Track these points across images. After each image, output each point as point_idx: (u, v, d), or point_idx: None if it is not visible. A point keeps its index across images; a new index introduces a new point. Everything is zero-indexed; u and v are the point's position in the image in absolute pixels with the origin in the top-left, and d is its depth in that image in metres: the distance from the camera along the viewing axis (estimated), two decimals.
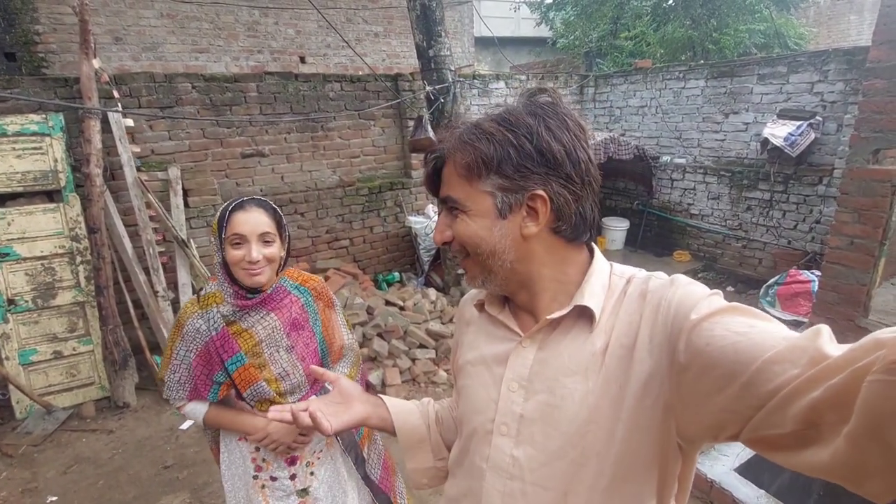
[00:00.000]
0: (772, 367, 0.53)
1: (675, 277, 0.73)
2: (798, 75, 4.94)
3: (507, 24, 14.63)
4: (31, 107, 3.63)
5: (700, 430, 0.66)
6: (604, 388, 0.71)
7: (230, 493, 1.56)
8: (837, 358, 0.48)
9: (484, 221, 0.75)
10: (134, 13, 5.90)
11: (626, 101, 6.76)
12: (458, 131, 0.77)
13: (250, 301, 1.38)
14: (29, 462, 3.14)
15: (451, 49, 4.33)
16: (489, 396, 0.82)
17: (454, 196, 0.77)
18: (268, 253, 1.33)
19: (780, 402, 0.52)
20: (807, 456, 0.51)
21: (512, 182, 0.73)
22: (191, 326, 1.41)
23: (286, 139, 4.84)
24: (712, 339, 0.60)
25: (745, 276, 5.58)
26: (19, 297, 3.49)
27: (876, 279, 3.47)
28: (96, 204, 3.61)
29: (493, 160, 0.72)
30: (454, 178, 0.77)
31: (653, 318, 0.70)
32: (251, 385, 1.41)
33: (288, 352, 1.45)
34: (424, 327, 4.20)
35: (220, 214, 1.32)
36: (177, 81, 4.22)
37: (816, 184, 4.88)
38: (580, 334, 0.75)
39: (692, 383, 0.63)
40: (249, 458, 1.51)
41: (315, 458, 1.56)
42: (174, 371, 1.45)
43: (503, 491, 0.78)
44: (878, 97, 3.22)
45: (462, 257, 0.82)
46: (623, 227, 6.62)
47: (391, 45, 7.91)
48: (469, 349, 0.91)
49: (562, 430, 0.73)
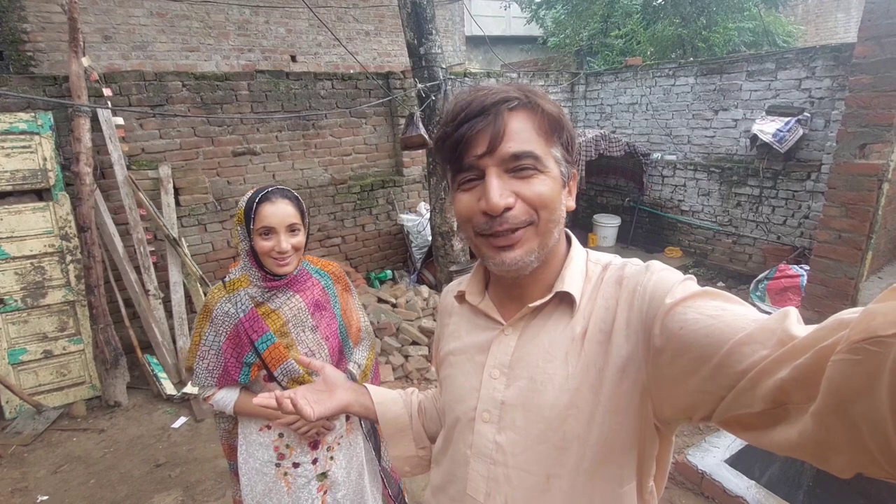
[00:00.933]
0: (741, 348, 0.55)
1: (651, 263, 0.74)
2: (786, 72, 4.99)
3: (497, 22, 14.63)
4: (19, 105, 3.61)
5: (675, 411, 0.67)
6: (583, 373, 0.72)
7: (246, 486, 1.57)
8: (803, 338, 0.49)
9: (557, 186, 0.73)
10: (123, 11, 5.86)
11: (617, 98, 6.79)
12: (525, 88, 0.73)
13: (278, 282, 1.44)
14: (19, 462, 3.11)
15: (441, 47, 4.33)
16: (471, 385, 0.83)
17: (537, 152, 0.71)
18: (295, 242, 1.40)
19: (750, 383, 0.53)
20: (776, 434, 0.52)
21: (570, 155, 0.76)
22: (219, 310, 1.45)
23: (278, 137, 4.83)
24: (685, 322, 0.61)
25: (736, 271, 5.62)
26: (8, 296, 3.47)
27: (863, 272, 3.51)
28: (86, 202, 3.59)
29: (565, 129, 0.74)
30: (530, 133, 0.71)
31: (629, 304, 0.71)
32: (281, 363, 1.45)
33: (313, 331, 1.51)
34: (417, 324, 4.21)
35: (247, 205, 1.37)
36: (167, 80, 4.20)
37: (805, 179, 4.93)
38: (560, 320, 0.76)
39: (667, 366, 0.64)
40: (272, 447, 1.54)
41: (336, 444, 1.60)
42: (202, 358, 1.48)
43: (487, 476, 0.79)
44: (865, 92, 3.26)
45: (524, 226, 0.72)
46: (614, 223, 6.65)
47: (382, 43, 7.90)
48: (451, 339, 0.91)
49: (543, 415, 0.74)
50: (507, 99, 0.70)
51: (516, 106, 0.71)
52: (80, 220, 3.60)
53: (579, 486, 0.74)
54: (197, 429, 3.41)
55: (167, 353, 3.92)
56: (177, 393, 3.71)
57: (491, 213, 0.70)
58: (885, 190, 3.35)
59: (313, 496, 1.55)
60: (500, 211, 0.69)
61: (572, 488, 0.74)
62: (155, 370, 3.85)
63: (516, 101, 0.71)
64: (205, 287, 4.13)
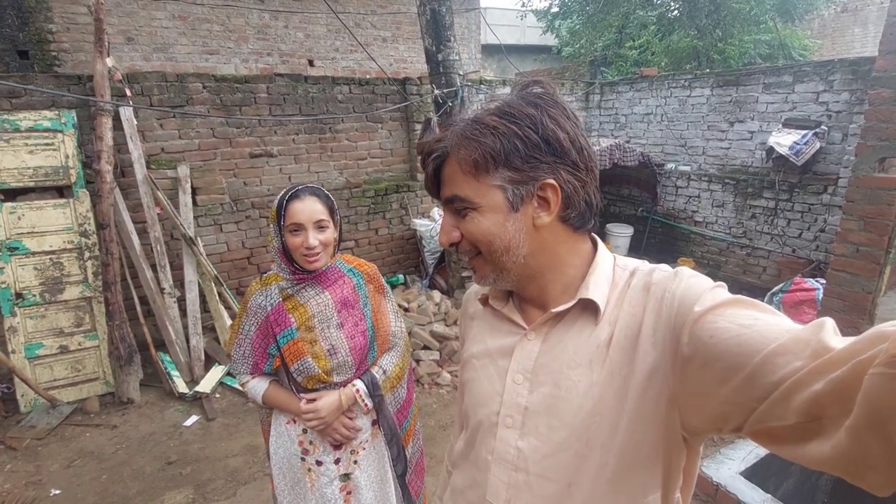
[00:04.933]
0: (775, 359, 0.54)
1: (679, 270, 0.73)
2: (803, 85, 4.97)
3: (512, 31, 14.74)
4: (44, 103, 3.67)
5: (704, 421, 0.66)
6: (608, 380, 0.71)
7: (277, 473, 1.62)
8: (840, 350, 0.48)
9: (496, 217, 0.74)
10: (146, 14, 5.96)
11: (632, 108, 6.79)
12: (457, 128, 0.76)
13: (306, 275, 1.50)
14: (33, 455, 3.14)
15: (459, 54, 4.37)
16: (494, 389, 0.82)
17: (462, 194, 0.75)
18: (323, 238, 1.44)
19: (783, 394, 0.52)
20: (809, 449, 0.51)
21: (522, 174, 0.72)
22: (253, 303, 1.54)
23: (294, 140, 4.87)
24: (716, 331, 0.60)
25: (749, 283, 5.58)
26: (27, 290, 3.51)
27: (881, 287, 3.47)
28: (106, 200, 3.64)
29: (501, 153, 0.71)
30: (459, 175, 0.75)
31: (657, 310, 0.70)
32: (298, 359, 1.48)
33: (338, 329, 1.53)
34: (429, 329, 4.21)
35: (278, 203, 1.43)
36: (188, 81, 4.26)
37: (821, 192, 4.89)
38: (585, 326, 0.75)
39: (696, 375, 0.63)
40: (297, 441, 1.57)
41: (360, 448, 1.61)
42: (239, 345, 1.56)
43: (508, 482, 0.78)
44: (885, 106, 3.24)
45: (471, 257, 0.80)
46: (627, 233, 6.63)
47: (399, 49, 7.97)
48: (474, 343, 0.91)
49: (566, 422, 0.73)
50: (431, 152, 0.78)
51: (438, 156, 0.78)
52: (99, 218, 3.64)
53: (600, 496, 0.73)
54: (208, 427, 3.42)
55: (180, 352, 3.95)
56: (189, 391, 3.73)
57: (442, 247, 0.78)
58: None
59: (336, 496, 1.56)
60: (446, 246, 0.81)
61: (593, 497, 0.73)
62: (168, 368, 3.88)
63: (438, 153, 0.77)
64: (219, 287, 4.16)
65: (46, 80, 3.78)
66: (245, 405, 3.66)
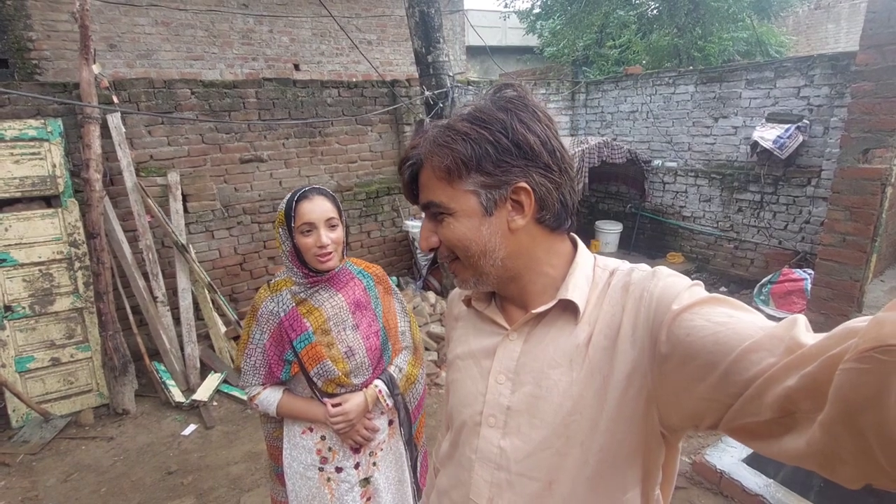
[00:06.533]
0: (749, 356, 0.55)
1: (658, 269, 0.74)
2: (785, 80, 5.08)
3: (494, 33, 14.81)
4: (28, 112, 3.60)
5: (681, 418, 0.67)
6: (588, 379, 0.72)
7: (291, 491, 1.58)
8: (811, 346, 0.49)
9: (471, 221, 0.75)
10: (128, 20, 5.88)
11: (618, 106, 6.87)
12: (430, 135, 0.77)
13: (320, 277, 1.47)
14: (27, 471, 3.07)
15: (449, 55, 4.39)
16: (477, 389, 0.83)
17: (436, 200, 0.77)
18: (334, 236, 1.44)
19: (757, 391, 0.53)
20: (784, 444, 0.52)
21: (494, 178, 0.73)
22: (264, 310, 1.51)
23: (284, 144, 4.84)
24: (692, 329, 0.61)
25: (738, 276, 5.68)
26: (16, 303, 3.44)
27: (868, 275, 3.57)
28: (95, 209, 3.58)
29: (472, 159, 0.72)
30: (433, 182, 0.77)
31: (635, 310, 0.71)
32: (317, 363, 1.46)
33: (353, 330, 1.52)
34: (425, 330, 4.22)
35: (287, 205, 1.42)
36: (176, 87, 4.21)
37: (805, 185, 5.00)
38: (565, 326, 0.76)
39: (673, 373, 0.64)
40: (314, 451, 1.54)
41: (378, 449, 1.60)
42: (249, 356, 1.52)
43: (490, 481, 0.80)
44: (867, 99, 3.33)
45: (450, 261, 0.81)
46: (616, 230, 6.70)
47: (384, 52, 7.97)
48: (458, 344, 0.92)
49: (547, 421, 0.74)
50: (406, 159, 0.80)
51: (413, 163, 0.79)
52: (88, 227, 3.58)
53: (581, 493, 0.74)
54: (207, 436, 3.38)
55: (175, 361, 3.90)
56: (185, 400, 3.68)
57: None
58: (888, 194, 3.42)
59: (357, 503, 1.54)
60: (426, 251, 0.82)
61: (574, 495, 0.74)
62: (163, 377, 3.82)
63: (413, 160, 0.79)
64: (213, 293, 4.12)
65: (31, 89, 3.71)
66: (244, 412, 3.62)
